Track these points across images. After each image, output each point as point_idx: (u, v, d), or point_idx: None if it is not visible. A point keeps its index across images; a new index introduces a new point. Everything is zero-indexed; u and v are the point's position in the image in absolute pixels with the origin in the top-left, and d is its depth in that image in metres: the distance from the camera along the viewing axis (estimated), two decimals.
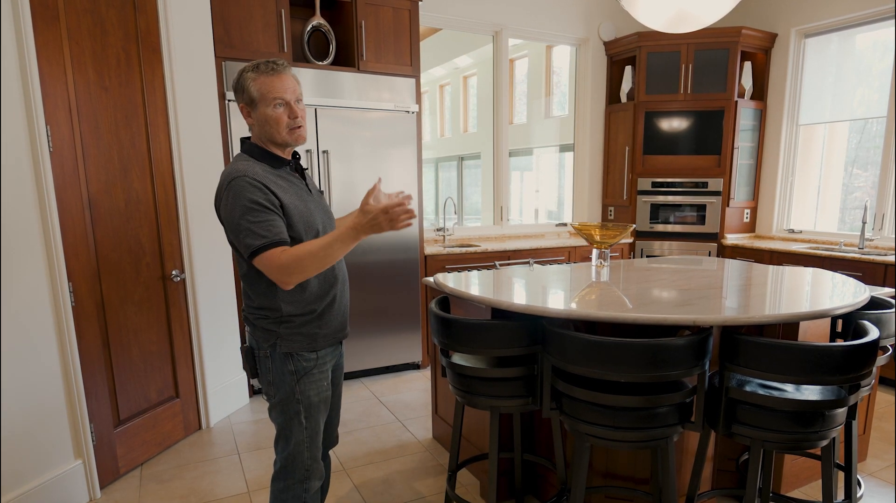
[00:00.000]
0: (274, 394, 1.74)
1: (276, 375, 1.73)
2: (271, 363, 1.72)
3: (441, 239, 4.72)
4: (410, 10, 3.84)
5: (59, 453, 2.42)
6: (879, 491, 2.60)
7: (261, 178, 1.60)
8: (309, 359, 1.73)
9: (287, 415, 1.74)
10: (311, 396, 1.75)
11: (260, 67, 1.63)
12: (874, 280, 3.85)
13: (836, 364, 1.61)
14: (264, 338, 1.72)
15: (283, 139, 1.67)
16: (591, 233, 2.71)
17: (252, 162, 1.66)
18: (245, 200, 1.56)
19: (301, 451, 1.76)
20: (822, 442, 1.75)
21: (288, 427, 1.75)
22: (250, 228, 1.55)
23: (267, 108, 1.63)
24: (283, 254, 1.54)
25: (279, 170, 1.70)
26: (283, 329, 1.70)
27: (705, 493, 2.31)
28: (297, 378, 1.72)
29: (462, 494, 2.60)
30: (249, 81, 1.63)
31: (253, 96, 1.63)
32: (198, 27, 3.14)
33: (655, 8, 2.59)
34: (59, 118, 2.36)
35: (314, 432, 1.78)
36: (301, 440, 1.75)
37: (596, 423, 1.80)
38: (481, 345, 1.94)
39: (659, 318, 1.84)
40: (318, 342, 1.75)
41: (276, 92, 1.62)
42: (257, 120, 1.66)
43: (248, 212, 1.55)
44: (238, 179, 1.58)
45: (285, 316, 1.69)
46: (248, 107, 1.67)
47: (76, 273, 2.46)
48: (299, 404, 1.73)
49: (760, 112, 5.02)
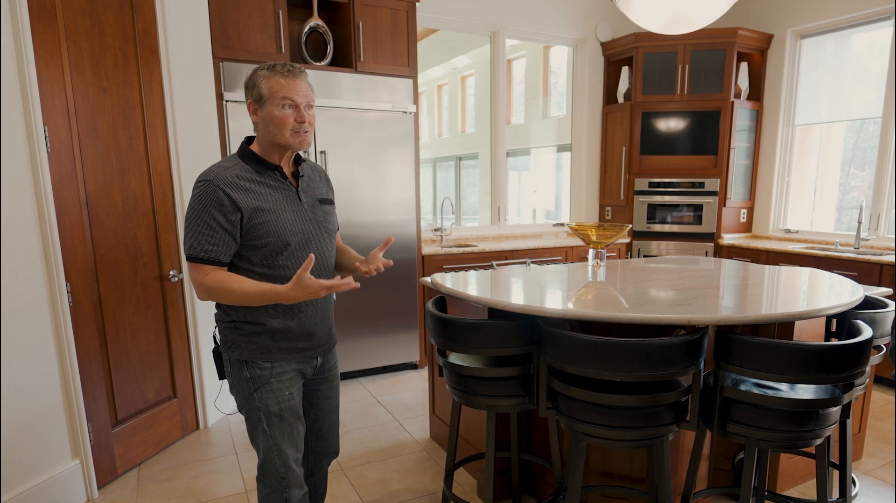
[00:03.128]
0: (237, 397, 1.73)
1: (235, 380, 1.70)
2: (230, 367, 1.71)
3: (438, 239, 4.73)
4: (408, 10, 3.85)
5: (56, 453, 2.43)
6: (875, 489, 2.61)
7: (227, 185, 1.57)
8: (264, 369, 1.67)
9: (251, 422, 1.71)
10: (270, 405, 1.68)
11: (276, 68, 1.61)
12: (870, 280, 3.87)
13: (829, 363, 1.62)
14: (223, 341, 1.70)
15: (285, 140, 1.63)
16: (588, 233, 2.72)
17: (235, 161, 1.65)
18: (200, 207, 1.56)
19: (272, 459, 1.70)
20: (816, 440, 1.76)
21: (254, 434, 1.71)
22: (191, 237, 1.57)
23: (274, 108, 1.60)
24: (207, 275, 1.57)
25: (263, 174, 1.66)
26: (236, 335, 1.67)
27: (701, 492, 2.32)
28: (253, 386, 1.67)
29: (459, 494, 2.60)
30: (262, 79, 1.61)
31: (262, 94, 1.61)
32: (195, 28, 3.15)
33: (651, 9, 2.60)
34: (57, 119, 2.37)
35: (281, 440, 1.70)
36: (269, 448, 1.70)
37: (592, 422, 1.81)
38: (478, 345, 1.95)
39: (654, 318, 1.85)
40: (273, 354, 1.68)
41: (285, 91, 1.59)
42: (262, 118, 1.63)
43: (198, 219, 1.56)
44: (202, 183, 1.57)
45: (235, 320, 1.66)
46: (255, 104, 1.63)
47: (74, 273, 2.46)
48: (259, 411, 1.68)
49: (757, 112, 5.04)
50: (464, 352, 2.01)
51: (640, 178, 5.09)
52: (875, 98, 4.38)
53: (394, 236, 4.00)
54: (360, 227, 3.87)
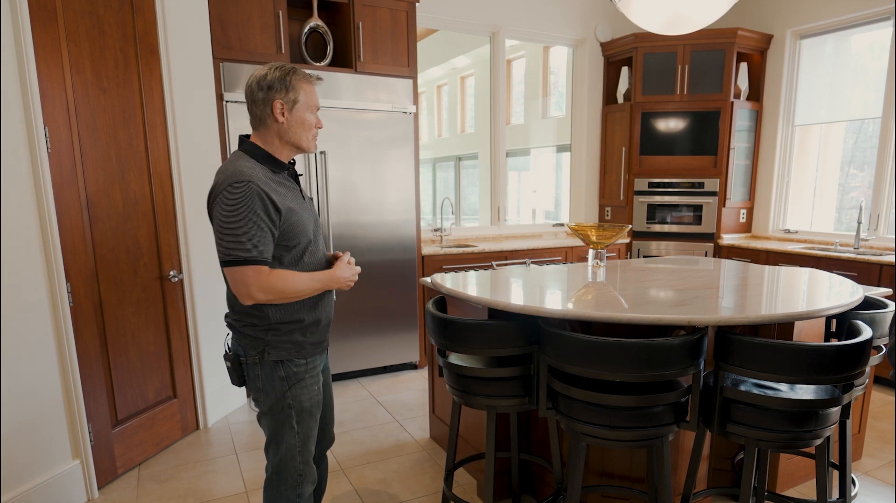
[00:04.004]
0: (264, 400, 1.73)
1: (266, 382, 1.71)
2: (260, 370, 1.70)
3: (438, 239, 4.73)
4: (408, 11, 3.85)
5: (56, 453, 2.43)
6: (874, 489, 2.62)
7: (265, 185, 1.58)
8: (299, 366, 1.72)
9: (278, 420, 1.72)
10: (303, 401, 1.74)
11: (305, 74, 1.70)
12: (869, 280, 3.87)
13: (828, 363, 1.63)
14: (252, 345, 1.69)
15: (307, 145, 1.73)
16: (588, 233, 2.72)
17: (253, 163, 1.64)
18: (245, 209, 1.54)
19: (293, 456, 1.75)
20: (816, 441, 1.76)
21: (280, 433, 1.73)
22: (242, 239, 1.54)
23: (306, 113, 1.69)
24: (269, 275, 1.58)
25: (278, 174, 1.69)
26: (271, 336, 1.68)
27: (701, 492, 2.32)
28: (288, 384, 1.71)
29: (459, 494, 2.61)
30: (299, 83, 1.67)
31: (298, 98, 1.67)
32: (195, 28, 3.15)
33: (651, 10, 2.60)
34: (58, 119, 2.37)
35: (306, 437, 1.76)
36: (293, 445, 1.74)
37: (592, 423, 1.81)
38: (478, 345, 1.95)
39: (654, 318, 1.85)
40: (307, 350, 1.74)
41: (315, 100, 1.72)
42: (292, 120, 1.67)
43: (245, 221, 1.54)
44: (243, 184, 1.55)
45: (273, 323, 1.67)
46: (287, 105, 1.66)
47: (74, 273, 2.46)
48: (291, 409, 1.72)
49: (756, 113, 5.04)
50: (464, 353, 2.02)
51: (640, 178, 5.09)
52: (874, 98, 4.38)
53: (394, 236, 4.00)
54: (360, 227, 3.87)
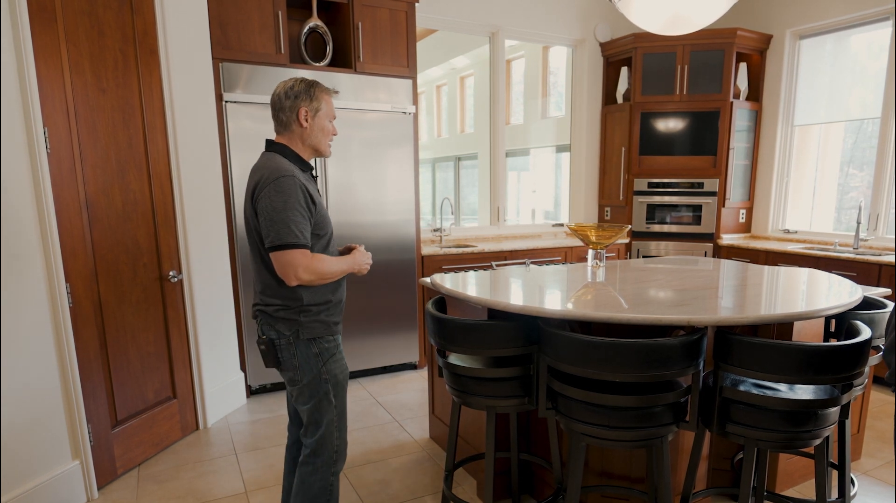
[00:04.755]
0: (301, 377, 1.89)
1: (301, 359, 1.88)
2: (296, 349, 1.88)
3: (438, 239, 4.73)
4: (407, 11, 3.85)
5: (56, 454, 2.43)
6: (873, 489, 2.62)
7: (303, 181, 1.81)
8: (330, 342, 1.92)
9: (317, 396, 1.90)
10: (337, 374, 1.93)
11: (326, 89, 1.93)
12: (868, 280, 3.88)
13: (827, 364, 1.63)
14: (286, 327, 1.87)
15: (325, 149, 1.96)
16: (587, 233, 2.72)
17: (288, 162, 1.85)
18: (292, 199, 1.76)
19: (331, 432, 1.92)
20: (814, 441, 1.76)
21: (318, 409, 1.91)
22: (290, 226, 1.75)
23: (325, 121, 1.93)
24: (314, 257, 1.80)
25: (305, 173, 1.91)
26: (304, 317, 1.87)
27: (700, 492, 2.32)
28: (322, 360, 1.90)
29: (459, 494, 2.61)
30: (321, 94, 1.91)
31: (321, 108, 1.90)
32: (195, 29, 3.15)
33: (650, 10, 2.61)
34: (57, 120, 2.37)
35: (342, 411, 1.95)
36: (331, 419, 1.92)
37: (591, 423, 1.81)
38: (477, 346, 1.96)
39: (653, 319, 1.85)
40: (332, 328, 1.94)
41: (333, 111, 1.96)
42: (314, 127, 1.91)
43: (291, 210, 1.75)
44: (288, 178, 1.77)
45: (305, 305, 1.86)
46: (310, 112, 1.89)
47: (73, 274, 2.46)
48: (327, 383, 1.91)
49: (756, 113, 5.04)
50: (463, 353, 2.02)
51: (640, 178, 5.09)
52: (874, 98, 4.38)
53: (393, 237, 4.00)
54: (359, 227, 3.88)
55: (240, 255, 3.54)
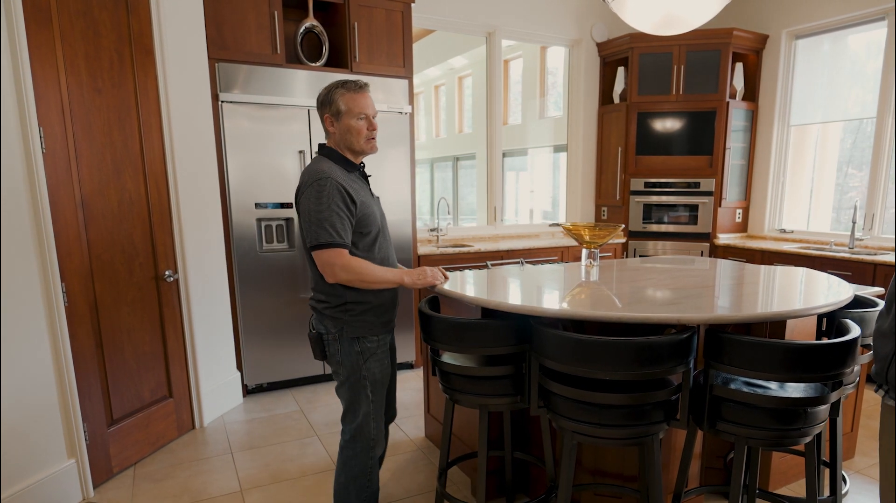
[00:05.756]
0: (343, 372, 1.99)
1: (344, 356, 1.97)
2: (339, 345, 1.96)
3: (434, 239, 4.74)
4: (403, 11, 3.86)
5: (52, 452, 2.44)
6: (866, 488, 2.63)
7: (342, 180, 1.86)
8: (372, 342, 1.99)
9: (355, 390, 1.99)
10: (376, 373, 2.01)
11: (348, 85, 1.92)
12: (863, 279, 3.89)
13: (814, 362, 1.64)
14: (333, 324, 1.96)
15: (360, 147, 1.96)
16: (581, 233, 2.73)
17: (331, 164, 1.92)
18: (329, 200, 1.82)
19: (368, 422, 2.02)
20: (804, 439, 1.77)
21: (356, 402, 2.00)
22: (327, 226, 1.81)
23: (351, 120, 1.92)
24: (348, 256, 1.85)
25: (351, 173, 1.96)
26: (347, 316, 1.95)
27: (693, 490, 2.33)
28: (364, 358, 1.97)
29: (453, 492, 2.62)
30: (339, 96, 1.91)
31: (340, 109, 1.92)
32: (191, 29, 3.16)
33: (644, 10, 2.62)
34: (52, 120, 2.38)
35: (379, 405, 2.03)
36: (368, 412, 2.01)
37: (582, 421, 1.82)
38: (469, 345, 1.97)
39: (643, 317, 1.86)
40: (377, 328, 2.00)
41: (360, 107, 1.92)
42: (340, 129, 1.94)
43: (328, 211, 1.82)
44: (325, 180, 1.83)
45: (349, 303, 1.94)
46: (333, 117, 1.94)
47: (69, 273, 2.47)
48: (366, 380, 1.99)
49: (752, 113, 5.05)
50: (456, 352, 2.03)
51: (636, 178, 5.10)
52: (871, 98, 4.39)
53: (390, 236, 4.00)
54: None
55: (236, 255, 3.55)
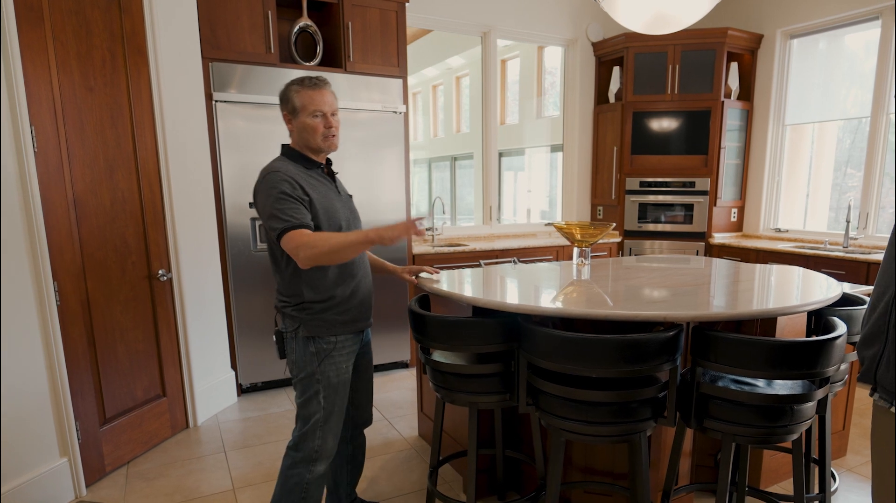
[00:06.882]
0: (297, 372, 1.94)
1: (298, 355, 1.93)
2: (295, 344, 1.93)
3: (430, 238, 4.74)
4: (397, 11, 3.86)
5: (44, 451, 2.44)
6: (857, 486, 2.63)
7: (292, 174, 1.83)
8: (329, 342, 1.92)
9: (307, 393, 1.93)
10: (331, 377, 1.93)
11: (304, 82, 1.87)
12: (857, 278, 3.89)
13: (798, 359, 1.64)
14: (290, 323, 1.93)
15: (317, 145, 1.91)
16: (572, 231, 2.74)
17: (287, 162, 1.89)
18: (275, 191, 1.79)
19: (314, 430, 1.93)
20: (791, 436, 1.78)
21: (307, 405, 1.93)
22: (277, 214, 1.77)
23: (307, 118, 1.87)
24: (304, 233, 1.76)
25: (311, 171, 1.93)
26: (305, 315, 1.90)
27: (683, 488, 2.34)
28: (318, 359, 1.91)
29: (445, 491, 2.62)
30: (293, 93, 1.87)
31: (296, 106, 1.87)
32: (184, 28, 3.16)
33: (635, 9, 2.62)
34: (44, 118, 2.38)
35: (330, 413, 1.94)
36: (318, 419, 1.93)
37: (570, 418, 1.82)
38: (458, 342, 1.97)
39: (630, 315, 1.87)
40: (337, 328, 1.94)
41: (315, 104, 1.86)
42: (297, 127, 1.90)
43: (277, 200, 1.78)
44: (271, 174, 1.82)
45: (306, 302, 1.89)
46: (290, 115, 1.90)
47: (61, 272, 2.47)
48: (319, 384, 1.92)
49: (747, 112, 5.06)
50: (445, 350, 2.04)
51: (632, 177, 5.11)
52: (870, 98, 4.38)
53: None
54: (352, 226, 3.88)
55: (230, 254, 3.55)
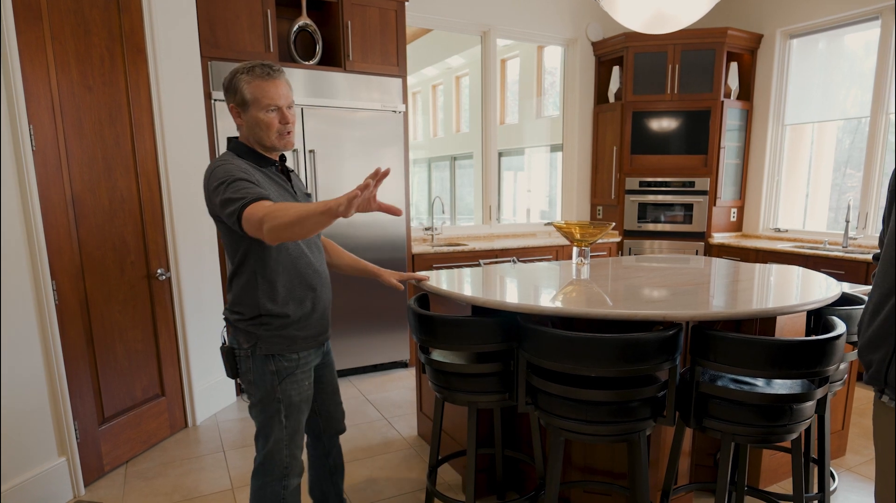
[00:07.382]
0: (255, 393, 1.78)
1: (256, 375, 1.76)
2: (252, 363, 1.76)
3: (429, 238, 4.74)
4: (397, 10, 3.86)
5: (42, 451, 2.43)
6: (857, 485, 2.63)
7: (243, 168, 1.64)
8: (291, 360, 1.77)
9: (267, 413, 1.77)
10: (293, 396, 1.78)
11: (255, 70, 1.64)
12: (856, 278, 3.89)
13: (797, 358, 1.64)
14: (245, 339, 1.75)
15: (272, 143, 1.70)
16: (572, 231, 2.74)
17: (236, 159, 1.69)
18: (229, 177, 1.58)
19: (280, 449, 1.79)
20: (790, 435, 1.77)
21: (268, 425, 1.78)
22: (231, 196, 1.54)
23: (259, 113, 1.65)
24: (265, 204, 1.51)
25: (264, 168, 1.74)
26: (263, 331, 1.73)
27: (683, 487, 2.33)
28: (278, 379, 1.76)
29: (445, 490, 2.62)
30: (243, 83, 1.63)
31: (246, 98, 1.64)
32: (183, 27, 3.16)
33: (634, 8, 2.62)
34: (43, 117, 2.38)
35: (294, 430, 1.81)
36: (280, 438, 1.79)
37: (569, 418, 1.82)
38: (457, 342, 1.96)
39: (629, 314, 1.87)
40: (298, 344, 1.78)
41: (269, 98, 1.64)
42: (247, 122, 1.68)
43: (228, 186, 1.56)
44: (221, 167, 1.62)
45: (264, 315, 1.72)
46: (238, 108, 1.68)
47: (59, 271, 2.47)
48: (280, 403, 1.77)
49: (746, 112, 5.06)
50: (444, 349, 2.03)
51: (631, 177, 5.11)
52: (867, 97, 4.38)
53: (384, 235, 4.01)
54: (350, 226, 3.89)
55: None
